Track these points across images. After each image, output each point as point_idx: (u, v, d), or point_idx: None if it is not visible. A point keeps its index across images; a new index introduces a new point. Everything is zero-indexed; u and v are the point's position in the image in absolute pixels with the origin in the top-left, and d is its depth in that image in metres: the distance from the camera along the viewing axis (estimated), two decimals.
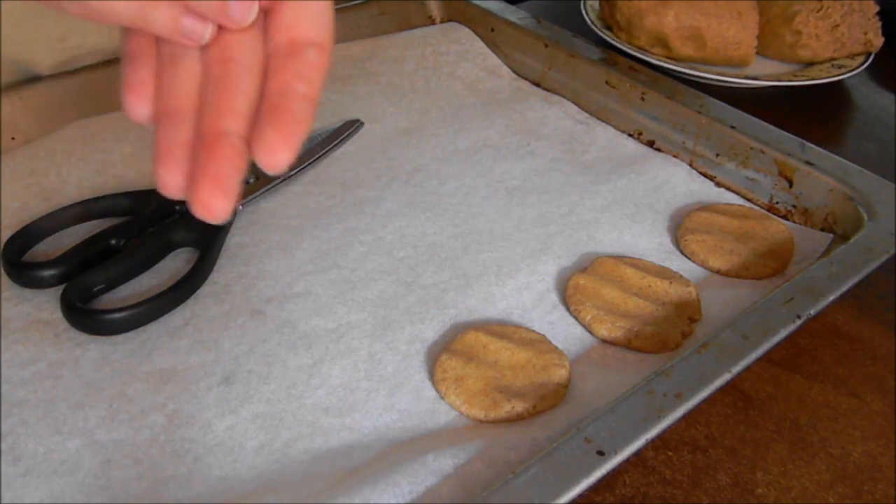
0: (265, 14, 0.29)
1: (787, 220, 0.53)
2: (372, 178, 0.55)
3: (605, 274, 0.46)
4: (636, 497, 0.38)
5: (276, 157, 0.27)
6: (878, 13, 0.74)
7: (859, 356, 0.47)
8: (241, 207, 0.50)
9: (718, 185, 0.56)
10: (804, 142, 0.55)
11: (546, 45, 0.66)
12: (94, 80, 0.58)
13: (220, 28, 0.28)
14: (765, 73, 0.72)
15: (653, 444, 0.35)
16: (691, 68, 0.69)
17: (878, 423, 0.43)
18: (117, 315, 0.42)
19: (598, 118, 0.62)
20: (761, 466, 0.40)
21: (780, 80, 0.70)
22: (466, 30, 0.70)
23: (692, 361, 0.38)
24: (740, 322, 0.40)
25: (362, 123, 0.59)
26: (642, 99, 0.60)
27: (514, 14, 0.70)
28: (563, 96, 0.65)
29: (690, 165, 0.57)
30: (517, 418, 0.38)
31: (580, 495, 0.32)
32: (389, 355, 0.42)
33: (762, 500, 0.38)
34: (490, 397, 0.39)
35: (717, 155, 0.56)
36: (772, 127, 0.56)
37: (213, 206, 0.27)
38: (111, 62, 0.60)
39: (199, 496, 0.34)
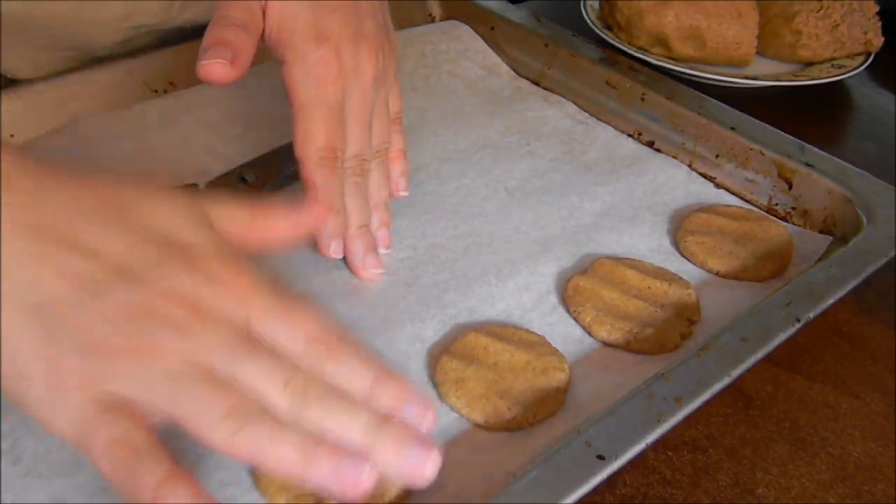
0: None
1: (787, 221, 0.53)
2: None
3: (604, 275, 0.46)
4: (636, 497, 0.38)
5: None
6: (878, 13, 0.74)
7: (859, 356, 0.47)
8: None
9: (718, 186, 0.56)
10: (804, 143, 0.55)
11: (546, 45, 0.66)
12: (94, 77, 0.59)
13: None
14: (765, 73, 0.72)
15: (653, 445, 0.35)
16: (691, 68, 0.69)
17: (878, 423, 0.43)
18: None
19: (597, 118, 0.62)
20: (761, 466, 0.40)
21: (780, 80, 0.70)
22: (466, 28, 0.70)
23: (692, 365, 0.38)
24: (739, 325, 0.41)
25: None
26: (642, 99, 0.60)
27: (514, 13, 0.69)
28: (563, 96, 0.65)
29: (690, 166, 0.57)
30: (517, 427, 0.38)
31: (580, 499, 0.32)
32: (390, 355, 0.42)
33: (762, 500, 0.39)
34: (491, 403, 0.39)
35: (717, 156, 0.56)
36: (771, 128, 0.56)
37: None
38: (108, 59, 0.60)
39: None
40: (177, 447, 0.36)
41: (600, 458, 0.33)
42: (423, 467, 0.29)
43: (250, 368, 0.30)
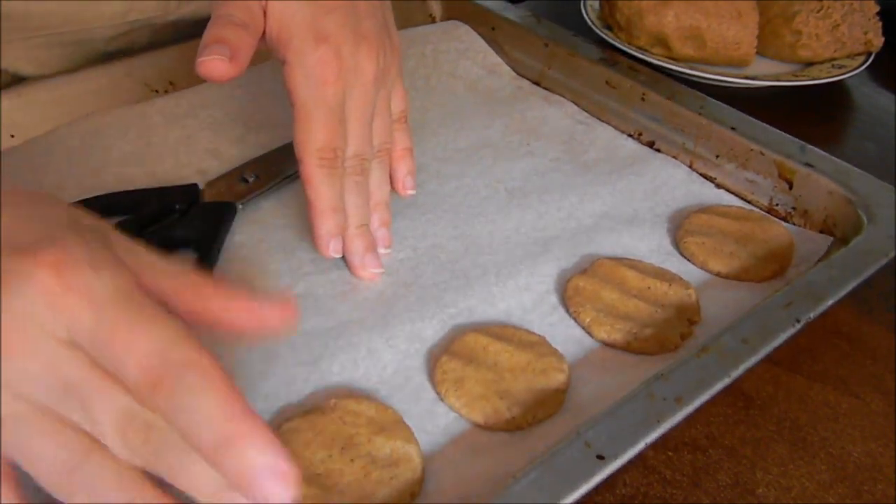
0: None
1: (787, 222, 0.53)
2: None
3: (604, 276, 0.46)
4: (636, 497, 0.38)
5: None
6: (878, 13, 0.74)
7: (859, 356, 0.47)
8: (240, 206, 0.50)
9: (718, 186, 0.56)
10: (804, 144, 0.55)
11: (546, 45, 0.66)
12: (95, 77, 0.59)
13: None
14: (765, 73, 0.72)
15: (653, 445, 0.35)
16: (691, 68, 0.69)
17: (878, 423, 0.43)
18: None
19: (598, 118, 0.62)
20: (761, 466, 0.40)
21: (780, 80, 0.70)
22: (467, 28, 0.70)
23: (692, 365, 0.38)
24: (740, 326, 0.40)
25: None
26: (642, 99, 0.60)
27: (514, 13, 0.69)
28: (563, 96, 0.65)
29: (690, 166, 0.57)
30: (516, 427, 0.38)
31: (580, 499, 0.32)
32: (389, 355, 0.42)
33: (762, 500, 0.39)
34: (491, 403, 0.39)
35: (717, 156, 0.56)
36: (772, 128, 0.56)
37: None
38: (109, 59, 0.60)
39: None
40: None
41: (600, 458, 0.33)
42: None
43: (75, 408, 0.25)
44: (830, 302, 0.43)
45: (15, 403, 0.25)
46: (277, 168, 0.53)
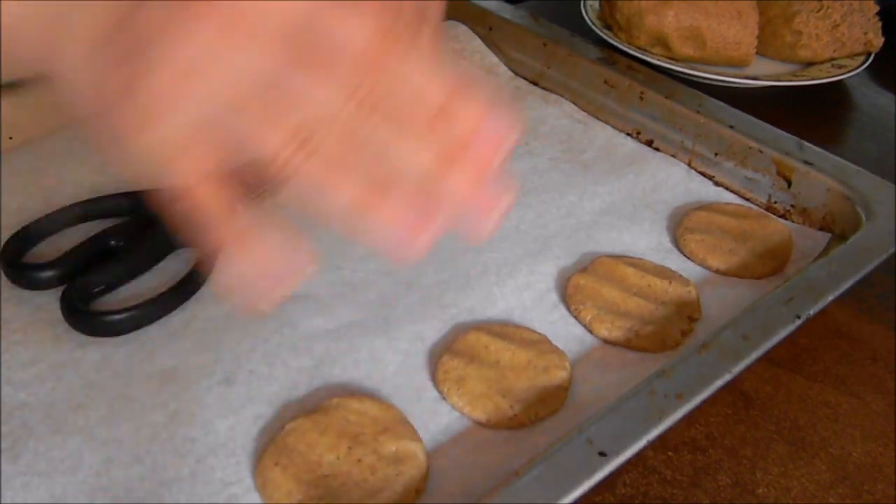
0: None
1: (786, 219, 0.53)
2: None
3: (604, 274, 0.46)
4: (636, 497, 0.38)
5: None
6: (878, 13, 0.74)
7: (859, 356, 0.47)
8: None
9: (717, 184, 0.56)
10: (802, 141, 0.55)
11: (544, 44, 0.66)
12: None
13: None
14: (765, 73, 0.72)
15: (653, 445, 0.35)
16: (691, 68, 0.69)
17: (878, 423, 0.43)
18: (118, 317, 0.42)
19: (596, 117, 0.62)
20: (761, 466, 0.40)
21: (780, 80, 0.70)
22: (465, 28, 0.70)
23: (693, 362, 0.38)
24: (740, 322, 0.41)
25: None
26: (641, 98, 0.60)
27: (512, 13, 0.70)
28: (562, 95, 0.65)
29: (689, 165, 0.57)
30: (519, 425, 0.38)
31: (582, 496, 0.32)
32: (390, 355, 0.42)
33: (762, 500, 0.38)
34: (493, 401, 0.39)
35: (716, 154, 0.56)
36: (770, 126, 0.56)
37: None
38: None
39: (202, 498, 0.34)
40: (176, 448, 0.36)
41: (602, 454, 0.33)
42: (486, 222, 0.27)
43: (303, 80, 0.25)
44: (830, 298, 0.43)
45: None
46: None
